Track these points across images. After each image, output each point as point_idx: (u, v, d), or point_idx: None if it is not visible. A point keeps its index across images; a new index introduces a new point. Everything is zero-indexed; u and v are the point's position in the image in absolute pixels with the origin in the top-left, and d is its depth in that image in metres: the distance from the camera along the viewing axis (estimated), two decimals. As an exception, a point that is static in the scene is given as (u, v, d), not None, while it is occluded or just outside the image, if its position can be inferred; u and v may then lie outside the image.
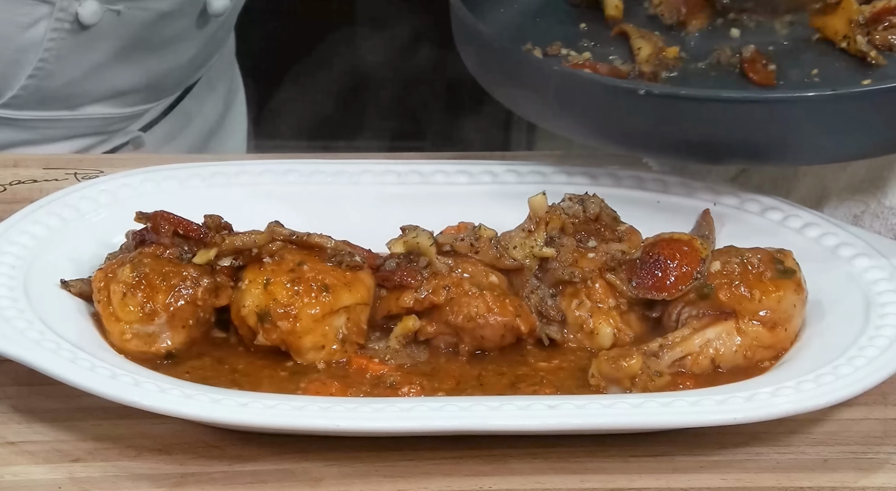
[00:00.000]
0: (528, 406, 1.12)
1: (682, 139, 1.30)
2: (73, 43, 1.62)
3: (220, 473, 1.12)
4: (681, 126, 1.29)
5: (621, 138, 1.34)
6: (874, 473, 1.13)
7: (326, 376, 1.20)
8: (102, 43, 1.65)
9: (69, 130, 1.72)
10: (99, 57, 1.66)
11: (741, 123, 1.27)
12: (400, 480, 1.11)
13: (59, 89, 1.67)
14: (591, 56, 1.44)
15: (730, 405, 1.12)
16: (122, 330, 1.20)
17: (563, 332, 1.23)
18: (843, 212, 1.39)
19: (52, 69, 1.64)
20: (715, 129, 1.28)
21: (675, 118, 1.28)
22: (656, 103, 1.28)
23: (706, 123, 1.28)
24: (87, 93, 1.69)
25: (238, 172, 1.40)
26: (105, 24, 1.63)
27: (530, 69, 1.36)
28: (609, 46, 1.47)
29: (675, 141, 1.31)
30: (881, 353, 1.16)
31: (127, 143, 1.78)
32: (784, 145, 1.29)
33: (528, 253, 1.25)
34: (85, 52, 1.64)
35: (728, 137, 1.28)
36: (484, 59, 1.41)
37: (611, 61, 1.43)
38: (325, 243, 1.23)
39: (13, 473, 1.11)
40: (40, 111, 1.68)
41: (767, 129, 1.27)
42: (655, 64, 1.41)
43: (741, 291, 1.21)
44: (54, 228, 1.30)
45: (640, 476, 1.12)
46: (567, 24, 1.51)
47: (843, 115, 1.25)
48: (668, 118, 1.29)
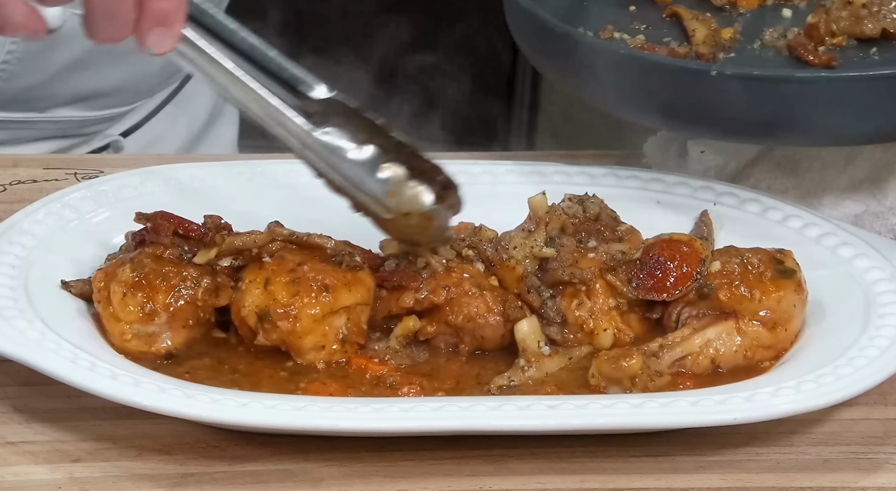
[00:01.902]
0: (529, 406, 1.12)
1: (751, 120, 1.29)
2: (37, 46, 1.60)
3: (221, 474, 1.12)
4: (752, 106, 1.28)
5: (690, 120, 1.34)
6: (874, 473, 1.13)
7: (326, 376, 1.20)
8: (68, 46, 1.62)
9: (39, 132, 1.70)
10: (65, 60, 1.63)
11: (811, 103, 1.27)
12: (400, 481, 1.11)
13: (24, 91, 1.64)
14: (646, 39, 1.43)
15: (730, 405, 1.12)
16: (122, 330, 1.20)
17: (563, 332, 1.23)
18: (843, 212, 1.39)
19: (16, 71, 1.61)
20: (784, 109, 1.28)
21: (746, 99, 1.28)
22: (728, 84, 1.28)
23: (777, 103, 1.27)
24: (54, 95, 1.67)
25: (239, 172, 1.40)
26: (70, 27, 1.60)
27: (593, 53, 1.35)
28: (661, 29, 1.45)
29: (745, 122, 1.30)
30: (881, 353, 1.16)
31: (107, 148, 1.76)
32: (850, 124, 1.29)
33: (528, 253, 1.25)
34: (50, 55, 1.62)
35: (796, 117, 1.28)
36: (543, 44, 1.40)
37: (665, 43, 1.42)
38: (325, 244, 1.23)
39: (13, 473, 1.11)
40: (7, 112, 1.66)
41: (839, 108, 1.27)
42: (712, 45, 1.40)
43: (741, 291, 1.21)
44: (54, 228, 1.30)
45: (640, 476, 1.12)
46: (615, 7, 1.49)
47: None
48: (740, 99, 1.28)
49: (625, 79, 1.34)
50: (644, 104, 1.35)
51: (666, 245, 1.24)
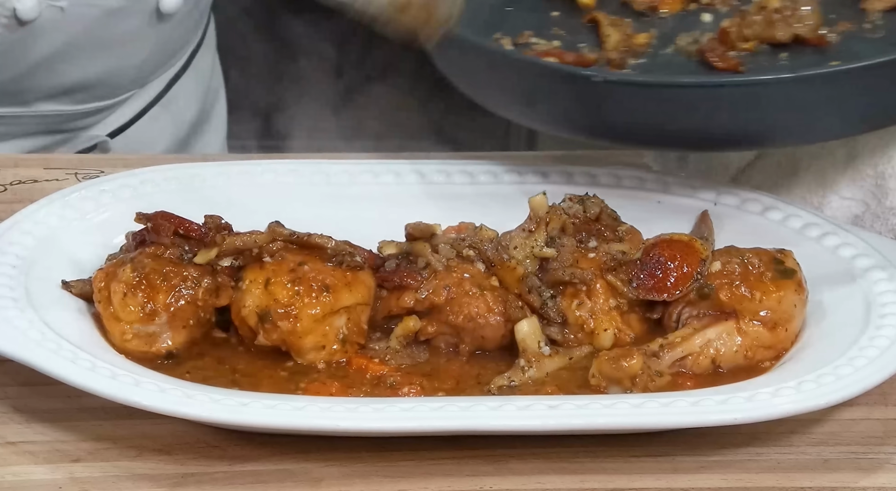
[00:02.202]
0: (529, 406, 1.12)
1: (638, 126, 1.29)
2: (13, 38, 1.59)
3: (221, 474, 1.12)
4: (637, 112, 1.28)
5: (577, 126, 1.33)
6: (875, 473, 1.13)
7: (326, 376, 1.20)
8: (46, 39, 1.61)
9: (21, 128, 1.69)
10: (43, 53, 1.62)
11: (696, 109, 1.26)
12: (400, 481, 1.11)
13: (4, 84, 1.64)
14: (561, 44, 1.42)
15: (730, 405, 1.11)
16: (122, 330, 1.20)
17: (563, 332, 1.23)
18: (844, 212, 1.39)
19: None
20: (673, 116, 1.27)
21: (631, 105, 1.28)
22: (612, 90, 1.28)
23: (664, 110, 1.27)
24: (35, 89, 1.66)
25: (239, 172, 1.40)
26: (47, 20, 1.59)
27: (486, 56, 1.34)
28: (580, 34, 1.44)
29: (632, 128, 1.30)
30: (882, 353, 1.16)
31: (94, 149, 1.76)
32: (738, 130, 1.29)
33: (528, 253, 1.25)
34: (28, 47, 1.61)
35: (684, 123, 1.28)
36: (448, 53, 1.39)
37: (579, 49, 1.41)
38: (326, 243, 1.23)
39: (14, 473, 1.11)
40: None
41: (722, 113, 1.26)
42: (623, 51, 1.39)
43: (742, 292, 1.21)
44: (55, 228, 1.30)
45: (640, 476, 1.12)
46: (539, 13, 1.48)
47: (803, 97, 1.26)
48: (625, 105, 1.28)
49: (514, 83, 1.33)
50: (532, 108, 1.34)
51: (666, 245, 1.24)
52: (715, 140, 1.32)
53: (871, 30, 1.38)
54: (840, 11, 1.41)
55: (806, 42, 1.37)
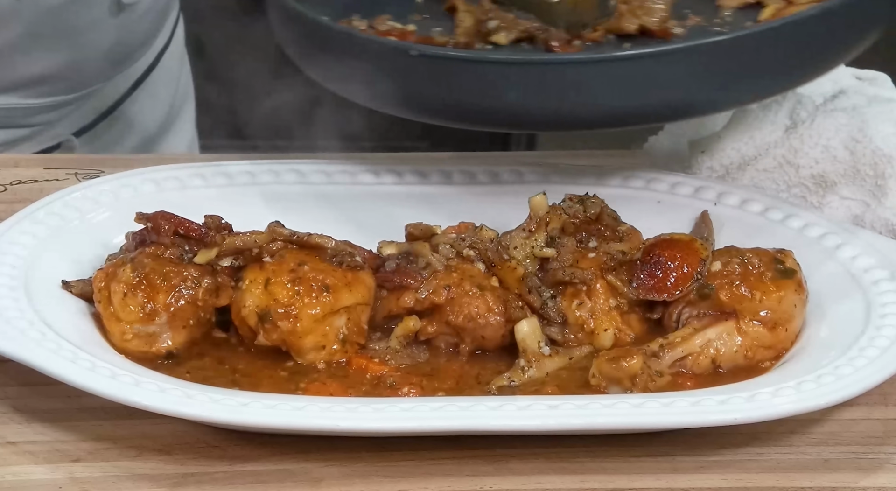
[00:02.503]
0: (529, 406, 1.12)
1: (453, 102, 1.28)
2: None
3: (221, 474, 1.12)
4: (452, 89, 1.27)
5: (398, 101, 1.32)
6: (875, 473, 1.13)
7: (326, 376, 1.20)
8: (3, 29, 1.60)
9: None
10: (1, 43, 1.61)
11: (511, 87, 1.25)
12: (401, 481, 1.11)
13: None
14: (417, 28, 1.41)
15: (730, 405, 1.11)
16: (122, 330, 1.20)
17: (563, 332, 1.23)
18: (844, 212, 1.39)
19: None
20: (485, 93, 1.26)
21: (445, 80, 1.27)
22: (428, 65, 1.26)
23: (475, 86, 1.26)
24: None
25: (239, 172, 1.40)
26: (5, 9, 1.58)
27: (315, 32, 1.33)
28: (440, 20, 1.43)
29: (447, 104, 1.28)
30: (882, 353, 1.16)
31: (58, 147, 1.75)
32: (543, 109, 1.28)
33: (528, 253, 1.25)
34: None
35: (495, 101, 1.26)
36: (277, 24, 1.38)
37: (431, 34, 1.40)
38: (326, 243, 1.23)
39: (14, 473, 1.11)
40: None
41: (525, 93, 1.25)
42: (472, 35, 1.38)
43: (742, 292, 1.21)
44: (55, 228, 1.30)
45: (640, 476, 1.12)
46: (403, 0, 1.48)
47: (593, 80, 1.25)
48: (440, 81, 1.27)
49: (343, 59, 1.31)
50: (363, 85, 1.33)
51: (666, 245, 1.24)
52: (526, 119, 1.30)
53: (719, 24, 1.38)
54: (695, 6, 1.41)
55: (652, 34, 1.37)
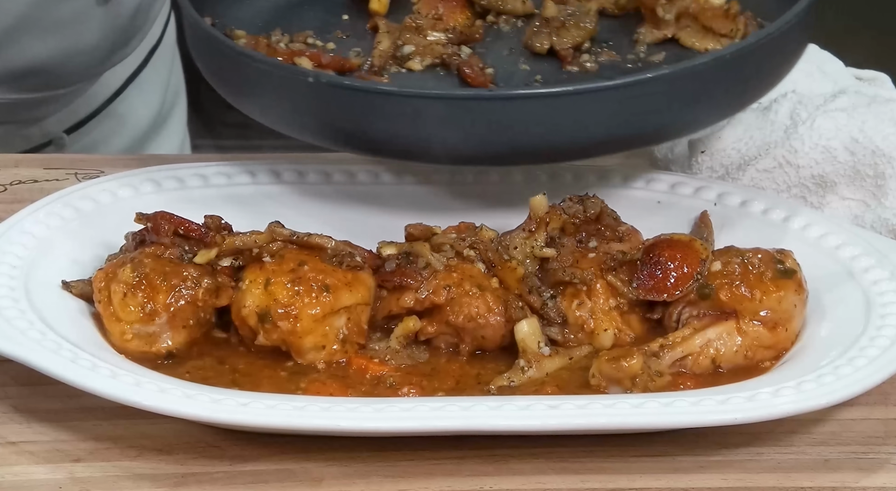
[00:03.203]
0: (529, 406, 1.12)
1: (351, 131, 1.28)
2: None
3: (221, 473, 1.12)
4: (347, 118, 1.27)
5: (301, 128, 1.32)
6: (875, 473, 1.13)
7: (326, 376, 1.20)
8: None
9: None
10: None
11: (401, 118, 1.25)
12: (401, 480, 1.11)
13: None
14: (336, 47, 1.41)
15: (730, 405, 1.11)
16: (122, 330, 1.20)
17: (563, 332, 1.23)
18: (844, 212, 1.39)
19: None
20: (374, 122, 1.26)
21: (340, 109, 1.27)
22: (325, 92, 1.26)
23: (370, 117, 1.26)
24: None
25: (239, 172, 1.40)
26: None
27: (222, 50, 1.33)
28: (362, 40, 1.43)
29: (346, 133, 1.29)
30: (882, 353, 1.16)
31: (49, 144, 1.75)
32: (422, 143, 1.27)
33: (528, 253, 1.25)
34: None
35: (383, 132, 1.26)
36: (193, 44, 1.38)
37: (348, 55, 1.40)
38: (326, 244, 1.23)
39: (14, 473, 1.11)
40: None
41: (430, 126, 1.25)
42: (388, 58, 1.38)
43: (742, 292, 1.21)
44: (55, 228, 1.30)
45: (640, 476, 1.12)
46: (331, 15, 1.47)
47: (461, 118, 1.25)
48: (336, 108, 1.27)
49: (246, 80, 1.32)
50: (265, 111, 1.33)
51: (666, 245, 1.24)
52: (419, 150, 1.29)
53: (633, 60, 1.39)
54: (617, 39, 1.42)
55: (557, 55, 1.38)
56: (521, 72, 1.37)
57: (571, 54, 1.38)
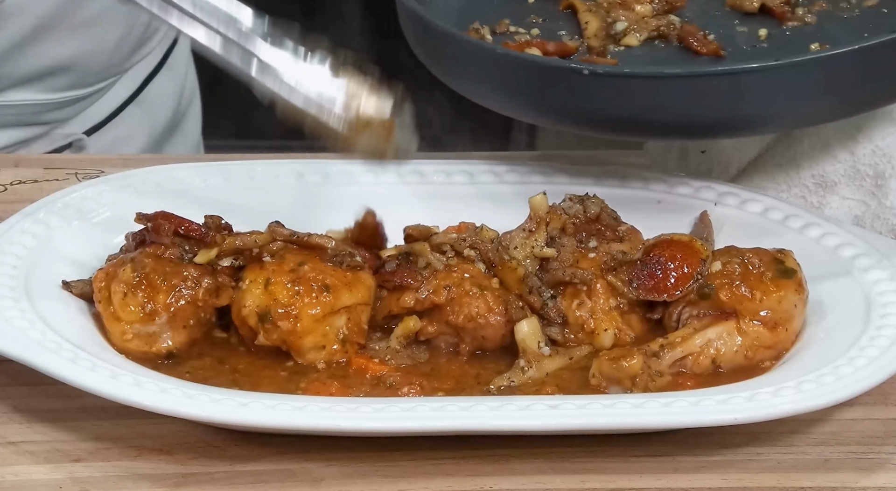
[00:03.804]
0: (529, 406, 1.12)
1: (628, 117, 1.28)
2: None
3: (221, 473, 1.12)
4: (625, 103, 1.27)
5: (567, 117, 1.32)
6: (875, 473, 1.13)
7: (326, 376, 1.20)
8: (16, 21, 1.60)
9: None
10: (13, 35, 1.61)
11: (688, 98, 1.25)
12: (401, 481, 1.11)
13: None
14: (540, 33, 1.41)
15: (731, 405, 1.11)
16: (122, 330, 1.20)
17: (564, 332, 1.23)
18: (844, 212, 1.39)
19: None
20: (660, 106, 1.26)
21: (619, 97, 1.27)
22: (601, 82, 1.27)
23: (652, 101, 1.26)
24: (5, 75, 1.65)
25: (239, 172, 1.40)
26: (13, 3, 1.57)
27: (471, 52, 1.33)
28: (558, 21, 1.43)
29: (621, 119, 1.29)
30: (882, 353, 1.16)
31: (69, 146, 1.75)
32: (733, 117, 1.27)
33: (528, 253, 1.25)
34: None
35: (673, 113, 1.27)
36: (429, 45, 1.38)
37: (560, 37, 1.40)
38: (326, 244, 1.23)
39: (14, 473, 1.11)
40: None
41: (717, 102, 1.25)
42: (603, 38, 1.38)
43: (742, 291, 1.21)
44: (55, 228, 1.30)
45: (640, 476, 1.12)
46: (515, 1, 1.48)
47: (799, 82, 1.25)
48: (613, 97, 1.27)
49: (503, 78, 1.32)
50: (523, 103, 1.33)
51: (667, 245, 1.24)
52: (702, 127, 1.30)
53: (847, 9, 1.38)
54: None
55: (771, 13, 1.37)
56: (740, 34, 1.36)
57: (787, 10, 1.37)
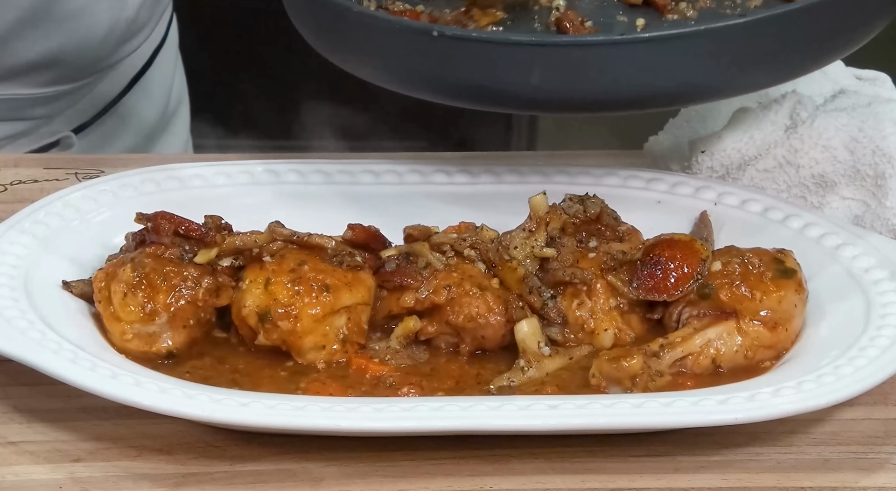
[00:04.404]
0: (529, 406, 1.12)
1: (478, 85, 1.28)
2: None
3: (221, 473, 1.12)
4: (469, 70, 1.27)
5: (422, 83, 1.32)
6: (875, 473, 1.13)
7: (326, 376, 1.20)
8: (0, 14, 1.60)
9: None
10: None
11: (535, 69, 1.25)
12: (401, 481, 1.11)
13: None
14: (424, 9, 1.40)
15: (731, 405, 1.11)
16: (122, 330, 1.20)
17: (564, 332, 1.23)
18: (844, 212, 1.39)
19: None
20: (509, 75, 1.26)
21: (463, 61, 1.27)
22: (448, 45, 1.26)
23: (495, 68, 1.26)
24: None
25: (238, 172, 1.40)
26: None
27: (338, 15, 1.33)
28: (448, 4, 1.41)
29: (471, 87, 1.28)
30: (882, 352, 1.16)
31: (57, 144, 1.75)
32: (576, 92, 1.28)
33: (528, 253, 1.25)
34: None
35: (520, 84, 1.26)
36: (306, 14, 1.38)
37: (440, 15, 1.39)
38: (326, 244, 1.23)
39: (14, 473, 1.11)
40: None
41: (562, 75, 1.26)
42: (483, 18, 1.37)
43: (742, 291, 1.21)
44: (55, 228, 1.30)
45: (640, 476, 1.12)
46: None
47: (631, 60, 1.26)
48: (458, 61, 1.27)
49: (360, 38, 1.31)
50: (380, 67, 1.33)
51: (667, 245, 1.24)
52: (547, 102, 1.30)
53: (730, 6, 1.38)
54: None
55: (654, 5, 1.37)
56: (619, 23, 1.36)
57: (669, 3, 1.37)
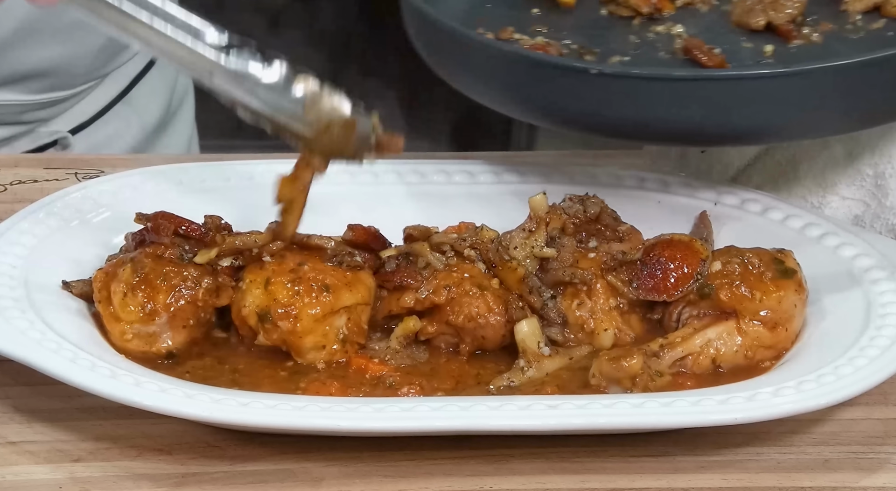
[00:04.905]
0: (529, 406, 1.12)
1: (633, 120, 1.28)
2: None
3: (221, 473, 1.12)
4: (630, 106, 1.27)
5: (573, 119, 1.32)
6: (875, 473, 1.13)
7: (326, 376, 1.20)
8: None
9: None
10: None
11: (691, 102, 1.25)
12: (401, 480, 1.11)
13: None
14: (546, 40, 1.41)
15: (731, 405, 1.12)
16: (122, 330, 1.20)
17: (564, 332, 1.23)
18: (844, 212, 1.39)
19: None
20: (667, 110, 1.26)
21: (625, 98, 1.27)
22: (607, 83, 1.26)
23: (658, 103, 1.26)
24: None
25: (239, 172, 1.40)
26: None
27: (481, 51, 1.33)
28: (562, 31, 1.43)
29: (626, 122, 1.28)
30: (882, 352, 1.16)
31: (54, 144, 1.75)
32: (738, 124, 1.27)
33: (528, 253, 1.25)
34: None
35: (680, 118, 1.26)
36: (434, 43, 1.38)
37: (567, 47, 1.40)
38: (326, 244, 1.23)
39: (14, 473, 1.11)
40: None
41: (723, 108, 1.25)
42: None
43: (742, 291, 1.21)
44: (55, 228, 1.30)
45: (640, 476, 1.12)
46: (519, 10, 1.48)
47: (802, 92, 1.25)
48: (619, 98, 1.27)
49: (508, 77, 1.32)
50: (529, 103, 1.33)
51: (666, 245, 1.24)
52: (705, 135, 1.30)
53: (852, 30, 1.38)
54: (820, 12, 1.41)
55: (776, 31, 1.37)
56: (745, 50, 1.37)
57: (792, 28, 1.37)
